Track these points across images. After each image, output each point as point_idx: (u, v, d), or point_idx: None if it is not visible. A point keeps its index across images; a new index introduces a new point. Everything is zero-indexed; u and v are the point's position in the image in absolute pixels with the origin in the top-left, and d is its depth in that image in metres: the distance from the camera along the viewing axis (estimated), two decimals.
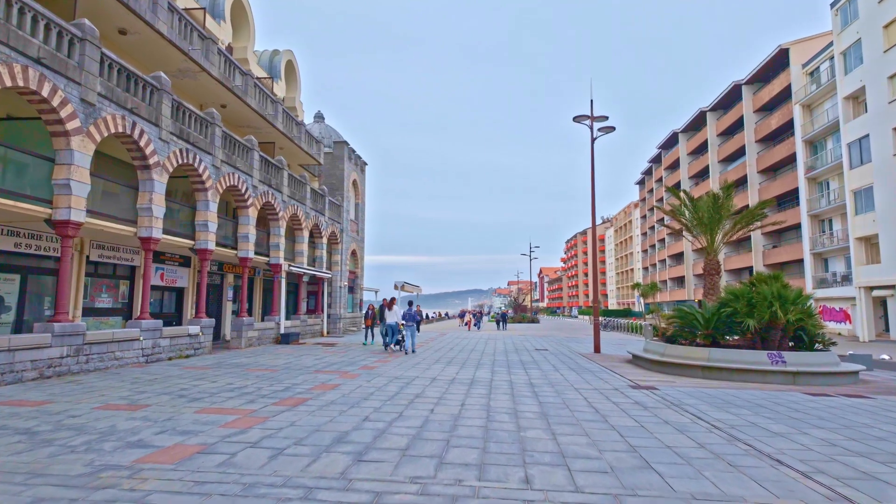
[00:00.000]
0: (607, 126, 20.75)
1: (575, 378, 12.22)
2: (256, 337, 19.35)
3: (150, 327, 13.47)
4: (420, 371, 12.90)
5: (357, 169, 32.80)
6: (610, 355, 18.94)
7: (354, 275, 32.97)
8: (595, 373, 13.36)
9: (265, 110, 21.06)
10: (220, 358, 15.14)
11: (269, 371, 12.43)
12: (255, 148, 19.26)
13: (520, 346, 22.66)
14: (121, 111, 12.47)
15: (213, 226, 16.48)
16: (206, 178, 16.07)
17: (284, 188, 21.80)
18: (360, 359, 15.57)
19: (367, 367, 13.46)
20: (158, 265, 17.28)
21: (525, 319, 61.17)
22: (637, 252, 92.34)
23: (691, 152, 64.51)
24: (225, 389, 9.62)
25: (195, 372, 12.01)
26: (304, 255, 24.16)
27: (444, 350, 19.52)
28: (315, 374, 11.96)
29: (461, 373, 12.79)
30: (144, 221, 13.59)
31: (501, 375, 12.46)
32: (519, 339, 28.08)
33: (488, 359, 16.49)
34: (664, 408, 8.66)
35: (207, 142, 16.24)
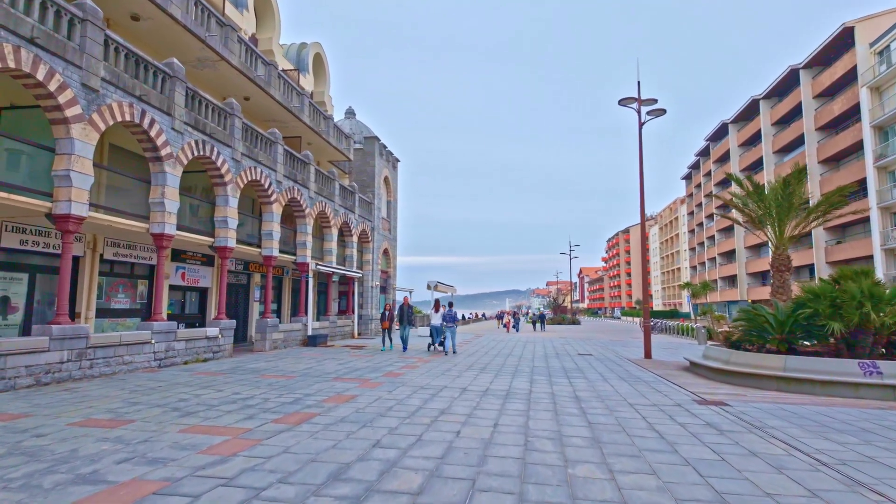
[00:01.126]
0: (657, 109, 18.90)
1: (628, 390, 10.61)
2: (282, 339, 18.45)
3: (163, 329, 12.64)
4: (449, 380, 11.56)
5: (389, 165, 31.79)
6: (663, 361, 17.12)
7: (387, 274, 31.96)
8: (650, 383, 11.70)
9: (290, 103, 20.19)
10: (239, 362, 14.23)
11: (285, 378, 11.34)
12: (279, 141, 18.38)
13: (561, 350, 21.02)
14: (128, 98, 11.66)
15: (234, 222, 15.62)
16: (224, 171, 15.22)
17: (311, 184, 20.89)
18: (386, 364, 14.36)
19: (391, 375, 12.21)
20: (179, 264, 16.59)
21: (565, 321, 58.99)
22: (683, 250, 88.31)
23: (742, 143, 60.81)
24: (227, 401, 8.53)
25: (205, 378, 11.04)
26: (333, 254, 23.23)
27: (479, 354, 18.12)
28: (333, 383, 10.79)
29: (496, 382, 11.37)
30: (157, 217, 12.78)
31: (541, 386, 10.98)
32: (559, 341, 26.37)
33: (527, 365, 15.00)
34: (745, 432, 7.03)
35: (226, 133, 15.39)
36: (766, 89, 53.89)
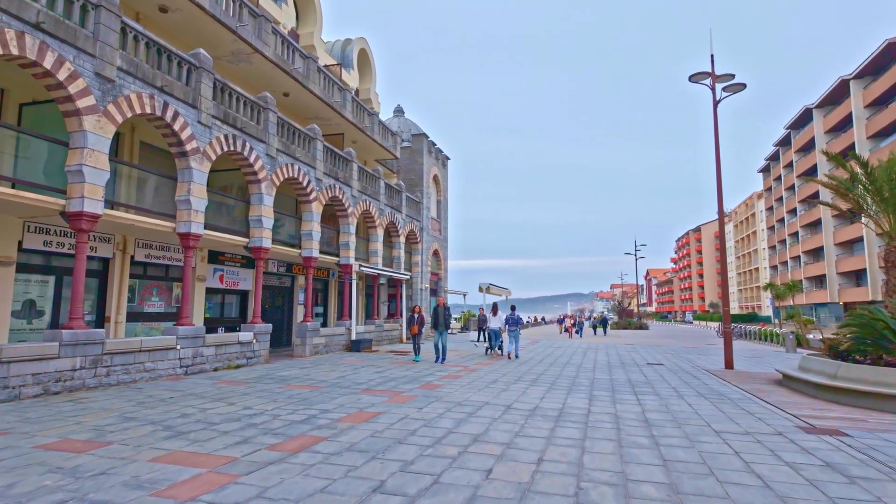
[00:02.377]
0: (734, 84, 16.54)
1: (710, 411, 8.69)
2: (323, 344, 17.57)
3: (190, 334, 11.92)
4: (492, 394, 10.03)
5: (438, 164, 30.62)
6: (748, 373, 14.78)
7: (437, 276, 30.75)
8: (737, 402, 9.68)
9: (331, 98, 19.39)
10: (272, 369, 13.35)
11: (310, 389, 10.24)
12: (319, 137, 17.56)
13: (627, 358, 18.92)
14: (148, 89, 11.02)
15: (269, 222, 14.85)
16: (258, 168, 14.47)
17: (354, 182, 19.99)
18: (426, 374, 13.02)
19: (428, 387, 10.84)
20: (217, 266, 16.05)
21: (631, 325, 55.61)
22: (762, 249, 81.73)
23: (829, 130, 55.13)
24: (231, 418, 7.46)
25: (224, 389, 10.13)
26: (379, 255, 22.25)
27: (532, 363, 16.43)
28: (359, 396, 9.55)
29: (547, 398, 9.73)
30: (183, 215, 12.11)
31: (602, 404, 9.24)
32: (625, 349, 24.10)
33: (586, 377, 13.20)
34: (885, 479, 5.11)
35: (260, 128, 14.66)
36: (858, 68, 48.48)
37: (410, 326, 15.65)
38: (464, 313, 40.30)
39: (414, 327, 15.58)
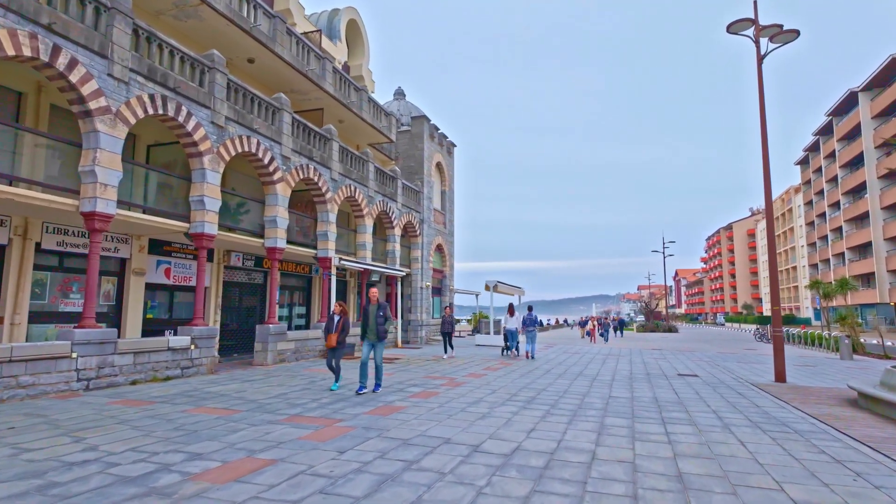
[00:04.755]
0: (785, 31, 13.43)
1: (777, 456, 5.79)
2: (292, 350, 15.02)
3: (94, 339, 9.46)
4: (464, 425, 7.26)
5: (442, 151, 27.91)
6: (806, 388, 11.73)
7: (441, 274, 28.01)
8: (810, 438, 6.75)
9: (305, 66, 16.87)
10: (207, 382, 10.84)
11: (222, 414, 7.64)
12: (286, 108, 15.05)
13: (653, 367, 15.89)
14: (29, 26, 8.57)
15: (214, 203, 12.39)
16: (199, 138, 12.02)
17: (334, 164, 17.43)
18: (393, 391, 10.30)
19: (383, 410, 8.13)
20: (162, 258, 13.66)
21: (659, 328, 51.92)
22: (800, 246, 76.65)
23: (878, 114, 50.52)
24: (26, 473, 4.89)
25: (112, 411, 7.62)
26: (368, 249, 19.64)
27: (537, 374, 13.58)
28: (275, 427, 6.89)
29: (538, 432, 6.91)
30: (87, 190, 9.67)
31: (615, 442, 6.38)
32: (651, 355, 20.98)
33: (600, 393, 10.30)
34: None
35: (203, 91, 12.21)
36: None
37: (327, 336, 10.01)
38: (475, 314, 37.50)
39: (331, 337, 9.91)
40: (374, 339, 9.76)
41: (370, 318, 9.76)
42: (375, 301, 9.91)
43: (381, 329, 9.68)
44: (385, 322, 9.72)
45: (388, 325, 9.85)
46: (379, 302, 9.89)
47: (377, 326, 9.68)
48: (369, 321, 9.77)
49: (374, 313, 9.74)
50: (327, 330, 9.99)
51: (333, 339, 9.95)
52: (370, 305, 9.89)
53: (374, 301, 9.92)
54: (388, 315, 9.89)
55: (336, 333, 9.97)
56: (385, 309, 9.80)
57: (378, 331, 9.68)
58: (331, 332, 10.00)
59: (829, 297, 30.72)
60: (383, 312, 9.76)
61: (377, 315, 9.71)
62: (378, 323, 9.67)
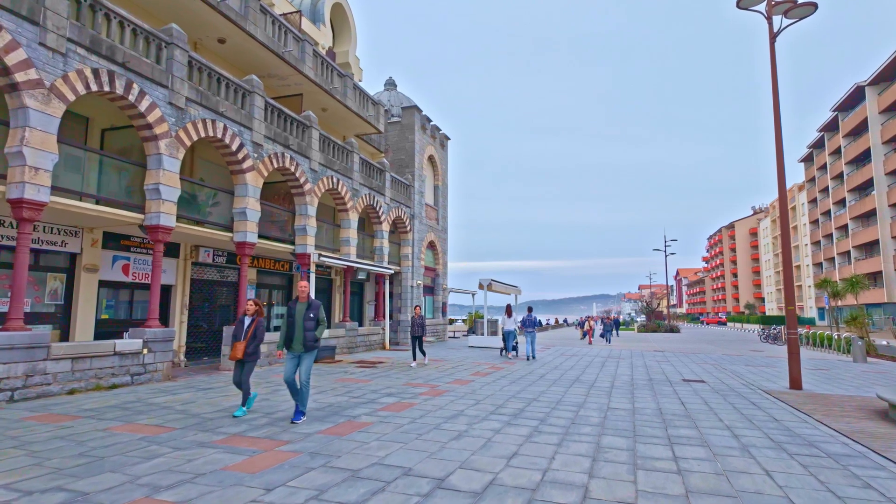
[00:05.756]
0: (802, 4, 12.24)
1: (808, 487, 4.68)
2: (264, 354, 13.85)
3: (19, 343, 8.30)
4: (438, 444, 6.10)
5: (435, 143, 26.71)
6: (826, 397, 10.57)
7: (434, 272, 26.82)
8: (845, 463, 5.62)
9: (282, 48, 15.68)
10: (156, 391, 9.67)
11: (147, 433, 6.47)
12: (258, 91, 13.88)
13: (656, 371, 14.72)
14: None
15: (173, 192, 11.23)
16: (153, 120, 10.85)
17: (314, 153, 16.26)
18: (361, 403, 9.13)
19: (341, 428, 6.94)
20: (119, 253, 12.50)
21: (661, 328, 50.72)
22: (804, 245, 75.36)
23: (885, 109, 49.24)
24: None
25: (25, 427, 6.46)
26: (352, 245, 18.47)
27: (530, 380, 12.41)
28: (203, 451, 5.73)
29: (519, 458, 5.73)
30: (15, 175, 8.51)
31: (614, 470, 5.21)
32: (654, 357, 19.80)
33: (597, 404, 9.12)
34: None
35: (159, 69, 11.04)
36: None
37: (233, 344, 7.63)
38: (471, 314, 36.36)
39: (238, 346, 7.52)
40: (300, 350, 7.28)
41: (296, 320, 7.33)
42: (305, 298, 7.50)
43: (310, 336, 7.27)
44: (316, 327, 7.38)
45: (319, 330, 7.41)
46: (310, 300, 7.54)
47: (304, 333, 7.26)
48: (295, 325, 7.33)
49: (303, 315, 7.33)
50: (234, 336, 7.60)
51: (241, 348, 7.47)
52: (297, 304, 7.47)
53: (302, 298, 7.50)
54: (321, 317, 7.48)
55: (245, 341, 7.51)
56: (317, 309, 7.45)
57: (305, 338, 7.25)
58: (238, 339, 7.55)
59: (839, 296, 29.49)
60: (314, 314, 7.37)
61: (306, 317, 7.31)
62: (306, 328, 7.28)
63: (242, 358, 7.51)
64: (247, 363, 7.59)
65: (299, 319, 7.33)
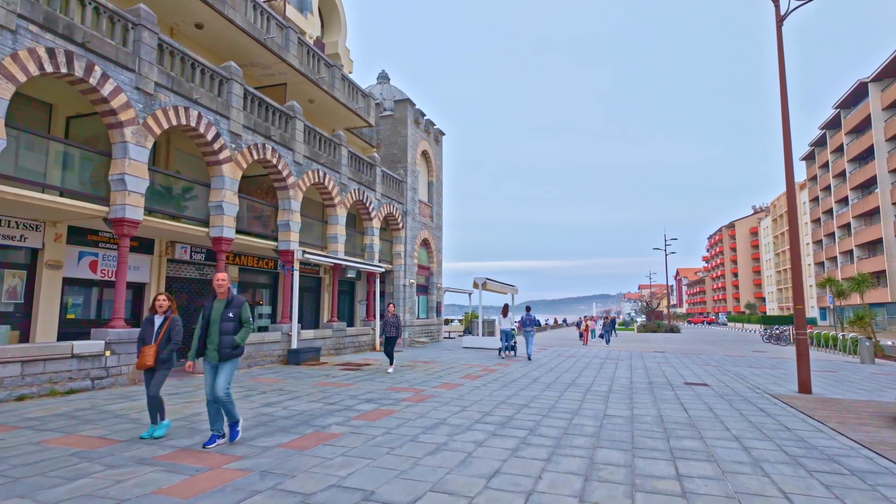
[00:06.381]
0: None
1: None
2: (243, 356, 13.11)
3: None
4: (411, 460, 5.38)
5: (429, 138, 25.98)
6: (838, 402, 9.87)
7: (428, 271, 26.09)
8: (871, 482, 4.95)
9: (263, 34, 14.96)
10: (116, 397, 8.92)
11: (84, 447, 5.75)
12: (236, 78, 13.16)
13: (656, 373, 14.00)
14: None
15: (140, 183, 10.51)
16: (118, 105, 10.13)
17: (298, 145, 15.53)
18: (344, 406, 8.41)
19: (306, 441, 6.22)
20: (85, 249, 11.77)
21: (661, 328, 50.01)
22: (806, 244, 74.68)
23: (889, 105, 48.53)
24: None
25: None
26: (340, 242, 17.73)
27: (523, 383, 11.68)
28: (134, 471, 4.99)
29: (504, 473, 5.01)
30: None
31: (609, 491, 4.48)
32: (654, 358, 19.08)
33: (593, 411, 8.39)
34: None
35: (124, 51, 10.32)
36: None
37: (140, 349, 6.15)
38: (466, 314, 35.66)
39: (147, 350, 6.07)
40: (215, 360, 5.81)
41: (213, 321, 5.87)
42: (224, 294, 5.97)
43: (227, 341, 5.80)
44: (237, 329, 5.89)
45: (241, 334, 5.90)
46: (231, 296, 6.00)
47: (221, 337, 5.79)
48: (210, 327, 5.87)
49: (220, 315, 5.86)
50: (142, 340, 6.13)
51: (151, 354, 6.03)
52: (214, 301, 5.97)
53: (221, 294, 5.97)
54: (245, 317, 5.96)
55: (156, 345, 6.07)
56: (240, 308, 5.92)
57: (221, 344, 5.78)
58: (147, 342, 6.10)
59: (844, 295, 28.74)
60: (234, 314, 5.87)
61: (223, 317, 5.83)
62: (223, 331, 5.80)
63: (153, 365, 6.05)
64: (158, 372, 6.12)
65: (215, 320, 5.85)
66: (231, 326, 5.86)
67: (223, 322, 5.85)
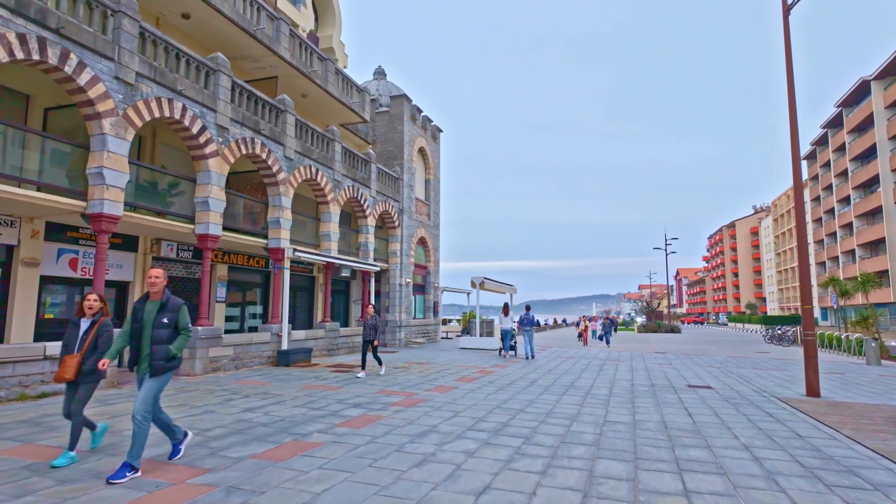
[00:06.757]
0: None
1: None
2: (230, 357, 12.69)
3: None
4: (394, 473, 4.94)
5: (426, 135, 25.52)
6: (848, 406, 9.44)
7: (425, 270, 25.63)
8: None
9: (253, 26, 14.50)
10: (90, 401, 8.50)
11: (34, 458, 5.30)
12: (223, 69, 12.71)
13: (658, 375, 13.54)
14: None
15: (120, 177, 10.05)
16: (95, 95, 9.68)
17: (289, 140, 15.07)
18: (330, 411, 7.95)
19: (282, 451, 5.77)
20: (65, 246, 11.32)
21: (662, 328, 49.58)
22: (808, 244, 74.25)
23: (892, 104, 48.07)
24: None
25: None
26: (333, 240, 17.27)
27: (519, 386, 11.23)
28: (81, 491, 4.55)
29: (495, 489, 4.57)
30: None
31: None
32: (655, 360, 18.63)
33: (593, 416, 7.93)
34: None
35: (102, 39, 9.86)
36: None
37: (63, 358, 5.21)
38: (464, 314, 35.21)
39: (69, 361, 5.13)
40: (145, 370, 4.92)
41: (145, 325, 4.96)
42: (158, 294, 5.08)
43: (160, 352, 4.90)
44: (172, 337, 5.02)
45: (178, 343, 5.02)
46: (166, 297, 5.11)
47: (153, 346, 4.89)
48: (142, 333, 4.96)
49: (152, 319, 4.97)
50: (65, 347, 5.21)
51: (73, 364, 5.10)
52: (147, 303, 5.06)
53: (155, 294, 5.07)
54: (183, 324, 5.12)
55: (80, 354, 5.15)
56: (176, 313, 5.07)
57: (153, 355, 4.88)
58: (71, 351, 5.17)
59: (848, 295, 28.28)
60: (169, 319, 5.01)
61: (156, 323, 4.95)
62: (155, 338, 4.92)
63: (75, 378, 5.11)
64: (81, 386, 5.17)
65: (147, 324, 4.96)
66: (165, 334, 4.96)
67: (155, 329, 4.94)
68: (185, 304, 5.25)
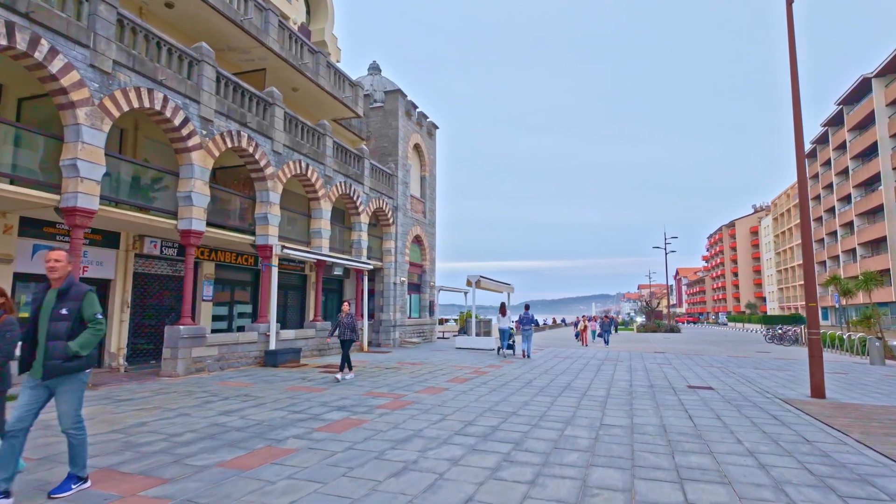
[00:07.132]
0: None
1: None
2: (214, 357, 12.26)
3: None
4: (369, 484, 4.52)
5: (422, 131, 25.10)
6: (855, 408, 9.04)
7: (420, 269, 25.21)
8: None
9: (239, 15, 14.07)
10: None
11: None
12: (208, 59, 12.28)
13: (657, 375, 13.13)
14: None
15: (95, 169, 9.64)
16: (70, 85, 9.26)
17: (277, 133, 14.65)
18: (311, 415, 7.53)
19: (252, 458, 5.35)
20: (40, 242, 10.89)
21: (661, 328, 49.19)
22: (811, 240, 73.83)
23: (894, 101, 47.65)
24: None
25: None
26: (324, 237, 16.86)
27: (514, 387, 10.81)
28: None
29: (477, 502, 4.17)
30: None
31: None
32: (654, 360, 18.21)
33: (589, 419, 7.51)
34: None
35: (77, 25, 9.44)
36: None
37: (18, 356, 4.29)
38: (462, 314, 34.79)
39: None
40: (38, 376, 4.07)
41: (41, 321, 4.13)
42: (59, 282, 4.22)
43: (57, 350, 4.03)
44: (75, 331, 4.14)
45: (82, 339, 4.11)
46: (69, 283, 4.23)
47: (48, 343, 4.04)
48: (37, 331, 4.13)
49: (50, 312, 4.12)
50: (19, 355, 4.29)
51: None
52: (47, 291, 4.24)
53: (55, 281, 4.22)
54: (90, 314, 4.21)
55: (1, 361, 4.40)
56: (78, 300, 4.19)
57: (48, 353, 4.03)
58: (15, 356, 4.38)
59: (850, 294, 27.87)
60: (69, 309, 4.13)
61: (54, 314, 4.10)
62: (52, 332, 4.06)
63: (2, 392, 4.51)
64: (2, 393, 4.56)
65: (44, 320, 4.12)
66: (63, 328, 4.07)
67: (52, 321, 4.06)
68: (92, 291, 4.31)
